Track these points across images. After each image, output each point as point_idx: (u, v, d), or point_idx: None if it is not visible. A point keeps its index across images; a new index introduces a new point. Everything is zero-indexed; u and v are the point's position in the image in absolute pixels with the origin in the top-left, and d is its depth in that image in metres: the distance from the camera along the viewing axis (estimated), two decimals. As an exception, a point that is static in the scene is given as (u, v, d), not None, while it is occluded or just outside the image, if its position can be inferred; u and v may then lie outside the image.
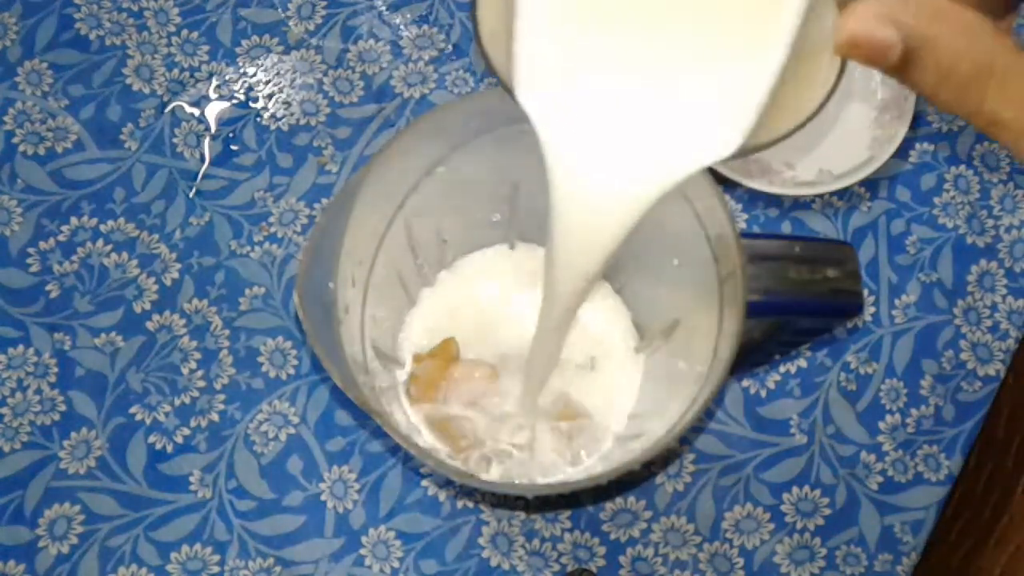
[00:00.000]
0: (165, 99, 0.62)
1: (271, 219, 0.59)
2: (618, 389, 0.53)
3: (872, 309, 0.59)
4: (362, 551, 0.55)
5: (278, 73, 0.62)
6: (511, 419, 0.53)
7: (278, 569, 0.54)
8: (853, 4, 0.28)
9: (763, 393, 0.58)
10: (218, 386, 0.57)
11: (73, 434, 0.56)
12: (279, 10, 0.63)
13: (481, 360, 0.53)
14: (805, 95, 0.31)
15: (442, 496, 0.55)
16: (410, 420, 0.52)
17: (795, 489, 0.56)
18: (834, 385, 0.58)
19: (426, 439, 0.52)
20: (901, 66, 0.28)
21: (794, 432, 0.57)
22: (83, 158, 0.60)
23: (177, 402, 0.57)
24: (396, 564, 0.55)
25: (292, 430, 0.56)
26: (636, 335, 0.55)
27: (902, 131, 0.59)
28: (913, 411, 0.58)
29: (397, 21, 0.63)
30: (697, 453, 0.56)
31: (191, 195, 0.60)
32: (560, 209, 0.36)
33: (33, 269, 0.59)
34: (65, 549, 0.55)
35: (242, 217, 0.60)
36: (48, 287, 0.58)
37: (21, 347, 0.57)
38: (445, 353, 0.53)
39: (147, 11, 0.63)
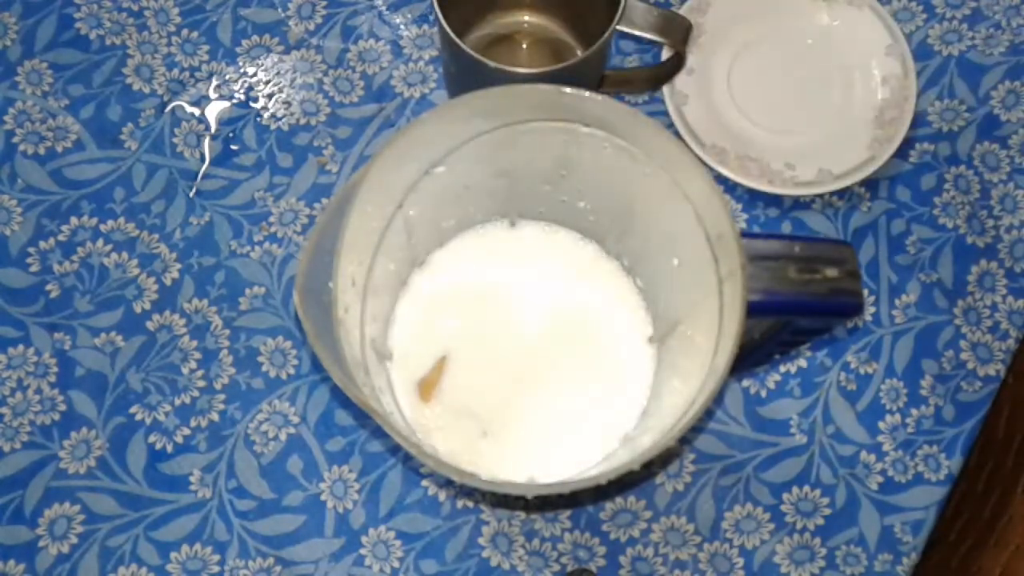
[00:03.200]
0: (165, 99, 0.62)
1: (271, 219, 0.59)
2: (629, 382, 0.53)
3: (872, 309, 0.59)
4: (362, 551, 0.55)
5: (278, 73, 0.62)
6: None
7: (278, 569, 0.54)
8: None
9: (763, 393, 0.58)
10: (218, 386, 0.57)
11: (73, 434, 0.56)
12: (279, 10, 0.63)
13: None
14: None
15: (442, 496, 0.55)
16: (405, 418, 0.52)
17: (795, 489, 0.56)
18: (834, 385, 0.58)
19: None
20: None
21: (794, 432, 0.57)
22: (83, 158, 0.60)
23: (177, 402, 0.57)
24: (396, 564, 0.55)
25: (292, 430, 0.56)
26: (651, 325, 0.54)
27: (902, 131, 0.59)
28: (913, 411, 0.58)
29: (397, 21, 0.63)
30: (697, 453, 0.56)
31: (191, 195, 0.60)
32: None
33: (33, 269, 0.59)
34: (65, 549, 0.55)
35: (242, 217, 0.60)
36: (48, 287, 0.58)
37: (21, 347, 0.57)
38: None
39: (147, 11, 0.63)
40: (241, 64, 0.62)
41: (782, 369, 0.58)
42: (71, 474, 0.56)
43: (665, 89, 0.59)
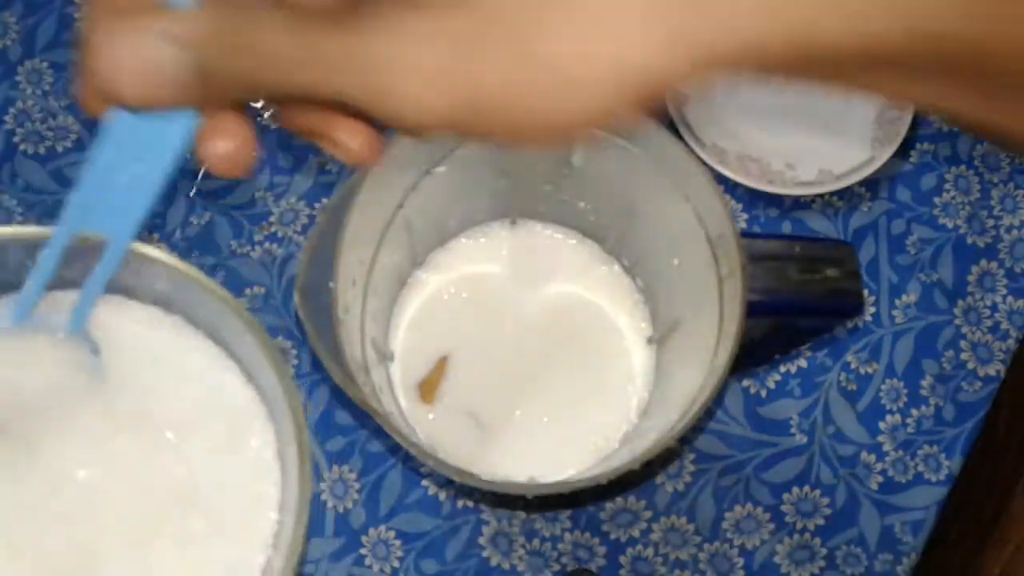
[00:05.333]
0: (165, 99, 0.62)
1: (271, 219, 0.59)
2: (630, 382, 0.53)
3: (872, 309, 0.59)
4: (362, 551, 0.55)
5: (278, 73, 0.62)
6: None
7: (278, 569, 0.54)
8: None
9: (763, 393, 0.58)
10: (218, 386, 0.57)
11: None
12: (279, 10, 0.63)
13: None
14: None
15: (442, 496, 0.55)
16: (405, 418, 0.52)
17: (795, 489, 0.56)
18: (834, 385, 0.58)
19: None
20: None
21: (794, 432, 0.57)
22: (84, 157, 0.60)
23: (177, 402, 0.57)
24: (396, 564, 0.55)
25: (292, 430, 0.56)
26: (651, 325, 0.54)
27: (902, 131, 0.59)
28: (913, 411, 0.58)
29: (397, 21, 0.63)
30: (697, 453, 0.56)
31: (191, 194, 0.60)
32: None
33: (33, 269, 0.59)
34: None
35: (242, 217, 0.59)
36: (48, 287, 0.58)
37: (21, 347, 0.57)
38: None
39: (147, 11, 0.63)
40: (241, 64, 0.62)
41: (782, 369, 0.58)
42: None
43: (665, 89, 0.59)
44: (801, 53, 0.23)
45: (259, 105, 0.27)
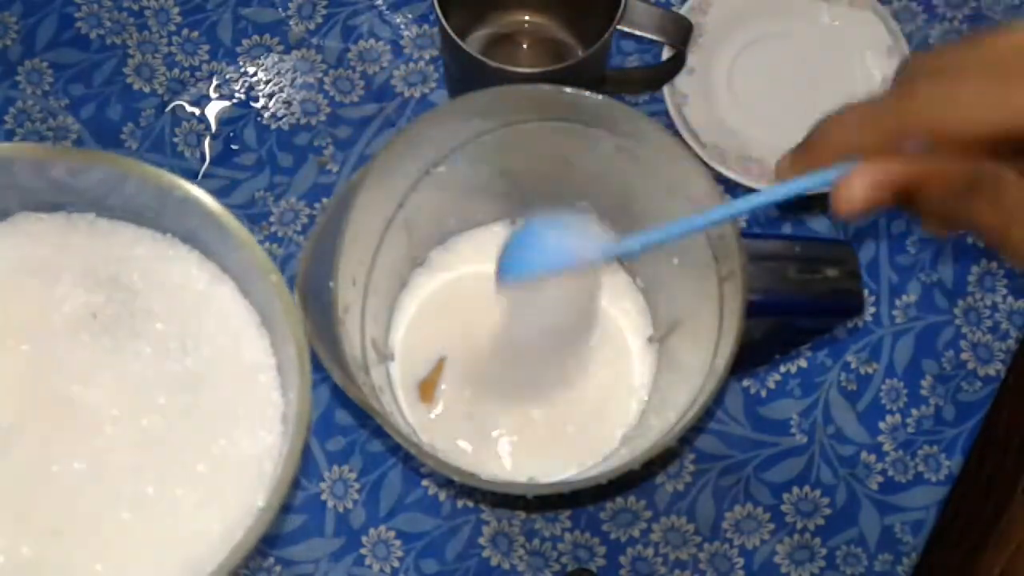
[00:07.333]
0: (165, 98, 0.62)
1: (271, 218, 0.59)
2: (629, 382, 0.53)
3: (872, 309, 0.59)
4: (362, 551, 0.55)
5: (279, 72, 0.62)
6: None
7: (278, 569, 0.54)
8: (844, 179, 0.32)
9: (763, 393, 0.58)
10: (218, 386, 0.57)
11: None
12: (280, 9, 0.63)
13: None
14: None
15: (442, 496, 0.55)
16: (405, 418, 0.52)
17: (795, 489, 0.56)
18: (834, 385, 0.58)
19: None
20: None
21: (794, 432, 0.57)
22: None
23: (177, 401, 0.57)
24: (396, 564, 0.55)
25: (292, 430, 0.56)
26: (651, 325, 0.54)
27: (902, 131, 0.59)
28: (913, 411, 0.58)
29: (397, 20, 0.63)
30: (697, 453, 0.56)
31: (191, 194, 0.60)
32: None
33: (33, 268, 0.58)
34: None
35: (242, 216, 0.59)
36: (48, 286, 0.58)
37: (21, 346, 0.57)
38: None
39: (147, 10, 0.63)
40: (241, 64, 0.62)
41: (782, 369, 0.58)
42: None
43: (665, 89, 0.59)
44: None
45: (259, 105, 0.27)
